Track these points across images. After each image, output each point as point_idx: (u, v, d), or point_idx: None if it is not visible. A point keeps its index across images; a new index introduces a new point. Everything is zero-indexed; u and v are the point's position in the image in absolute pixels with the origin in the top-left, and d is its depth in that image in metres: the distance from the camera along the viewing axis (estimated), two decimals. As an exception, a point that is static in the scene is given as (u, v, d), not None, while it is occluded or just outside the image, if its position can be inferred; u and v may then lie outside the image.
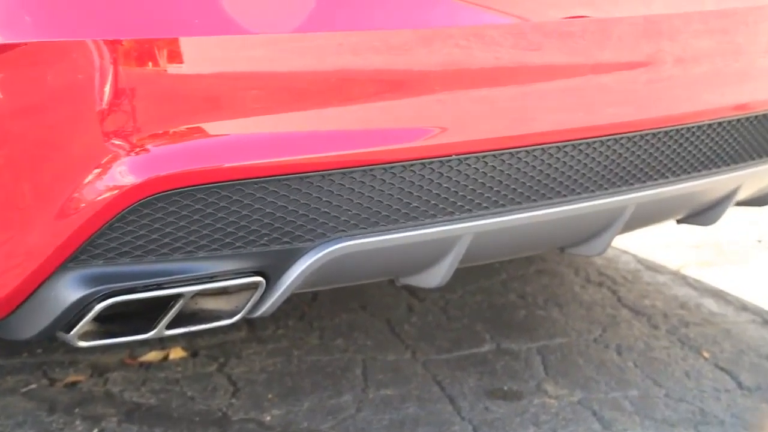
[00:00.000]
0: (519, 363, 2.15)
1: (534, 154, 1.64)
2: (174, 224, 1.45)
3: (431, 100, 1.55)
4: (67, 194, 1.40)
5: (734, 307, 2.48)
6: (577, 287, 2.56)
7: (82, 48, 1.37)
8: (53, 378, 2.03)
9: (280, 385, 2.03)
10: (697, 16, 1.81)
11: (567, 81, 1.67)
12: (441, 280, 1.69)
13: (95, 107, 1.38)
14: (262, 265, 1.53)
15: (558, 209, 1.69)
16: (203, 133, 1.43)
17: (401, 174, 1.55)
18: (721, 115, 1.85)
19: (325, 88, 1.50)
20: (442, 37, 1.56)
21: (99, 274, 1.45)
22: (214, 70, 1.44)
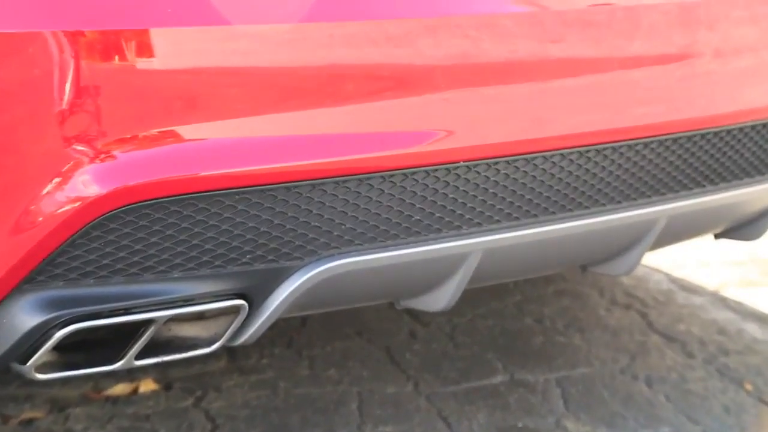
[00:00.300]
0: (536, 396, 2.14)
1: (552, 160, 1.63)
2: (144, 240, 1.44)
3: (436, 99, 1.55)
4: (22, 206, 1.40)
5: (780, 333, 2.48)
6: (602, 310, 2.56)
7: (38, 40, 1.37)
8: (7, 415, 2.02)
9: (265, 421, 2.03)
10: (738, 1, 1.81)
11: (590, 77, 1.67)
12: (447, 303, 1.68)
13: (54, 108, 1.38)
14: (245, 287, 1.52)
15: (579, 223, 1.69)
16: (177, 137, 1.43)
17: (402, 183, 1.54)
18: (766, 116, 1.85)
19: (316, 85, 1.50)
20: (448, 27, 1.56)
21: (59, 298, 1.44)
22: (190, 65, 1.44)
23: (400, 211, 1.56)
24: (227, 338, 1.55)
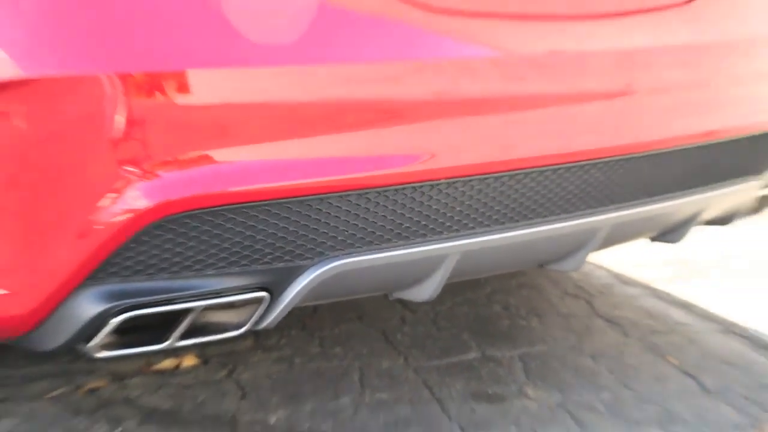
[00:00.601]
0: (502, 369, 2.11)
1: (516, 178, 1.61)
2: (184, 244, 1.41)
3: (421, 127, 1.52)
4: (85, 217, 1.37)
5: (698, 317, 2.45)
6: (556, 299, 2.53)
7: (96, 81, 1.34)
8: (76, 384, 2.00)
9: (284, 389, 2.00)
10: (668, 49, 1.79)
11: (547, 110, 1.64)
12: (431, 294, 1.65)
13: (109, 136, 1.35)
14: (266, 282, 1.49)
15: (538, 229, 1.66)
16: (210, 159, 1.40)
17: (393, 197, 1.51)
18: (688, 141, 1.82)
19: (322, 116, 1.47)
20: (431, 68, 1.53)
21: (115, 291, 1.41)
22: (219, 100, 1.41)
23: (393, 219, 1.53)
24: (252, 323, 1.52)
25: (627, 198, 1.78)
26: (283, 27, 1.45)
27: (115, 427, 1.83)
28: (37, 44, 1.34)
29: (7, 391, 1.95)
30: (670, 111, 1.78)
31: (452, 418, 1.90)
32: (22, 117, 1.35)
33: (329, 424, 1.87)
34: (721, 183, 1.94)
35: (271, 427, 1.85)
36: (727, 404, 2.00)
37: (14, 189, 1.38)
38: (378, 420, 1.89)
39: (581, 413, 1.94)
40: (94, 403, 1.92)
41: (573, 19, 1.69)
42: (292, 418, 1.88)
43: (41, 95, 1.34)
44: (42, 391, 1.96)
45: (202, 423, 1.86)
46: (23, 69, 1.33)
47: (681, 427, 1.90)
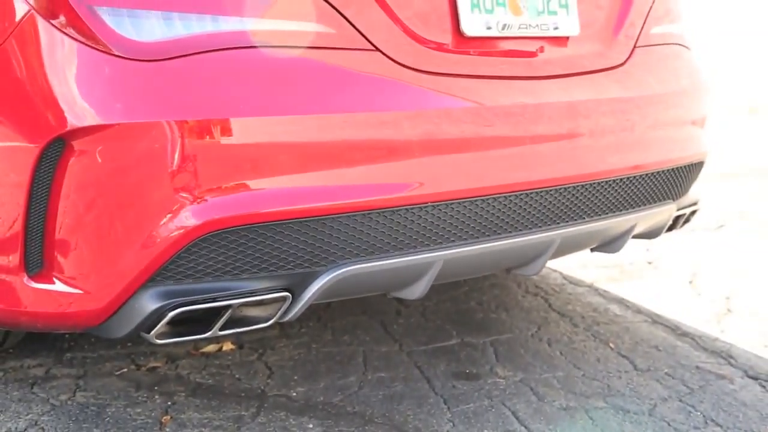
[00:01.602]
0: (477, 352, 2.12)
1: (487, 201, 1.62)
2: (224, 254, 1.42)
3: (412, 162, 1.54)
4: (147, 233, 1.39)
5: (632, 311, 2.45)
6: (519, 296, 2.53)
7: (158, 126, 1.36)
8: (138, 364, 1.99)
9: (303, 369, 2.00)
10: (602, 101, 1.81)
11: (511, 149, 1.66)
12: (421, 293, 1.66)
13: (168, 169, 1.37)
14: (289, 284, 1.50)
15: (505, 242, 1.67)
16: (246, 187, 1.42)
17: (391, 216, 1.53)
18: (622, 173, 1.84)
19: (335, 154, 1.49)
20: (420, 116, 1.55)
21: (170, 291, 1.42)
22: (253, 141, 1.43)
23: (390, 234, 1.54)
24: (278, 317, 1.53)
25: (574, 217, 1.79)
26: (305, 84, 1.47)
27: (168, 400, 1.83)
28: (111, 98, 1.36)
29: (84, 368, 1.95)
30: (605, 149, 1.80)
31: (437, 393, 1.91)
32: (100, 154, 1.37)
33: (339, 397, 1.87)
34: (648, 205, 1.95)
35: (293, 400, 1.85)
36: (655, 380, 2.00)
37: (92, 210, 1.40)
38: (378, 394, 1.89)
39: (540, 388, 1.94)
40: (152, 380, 1.92)
41: (531, 79, 1.71)
42: (309, 393, 1.88)
43: (115, 138, 1.36)
44: (111, 370, 1.96)
45: (237, 396, 1.86)
46: (101, 117, 1.35)
47: (618, 399, 1.90)
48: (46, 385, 1.87)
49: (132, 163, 1.38)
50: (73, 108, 1.35)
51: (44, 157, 1.37)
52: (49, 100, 1.37)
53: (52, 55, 1.37)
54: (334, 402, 1.85)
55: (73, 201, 1.39)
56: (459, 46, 1.64)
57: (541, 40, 1.75)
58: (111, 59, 1.36)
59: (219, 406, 1.81)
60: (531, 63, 1.73)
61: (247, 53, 1.42)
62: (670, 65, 1.98)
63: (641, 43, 1.92)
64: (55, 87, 1.37)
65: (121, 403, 1.81)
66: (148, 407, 1.80)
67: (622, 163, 1.83)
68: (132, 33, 1.37)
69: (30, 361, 1.98)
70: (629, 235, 1.97)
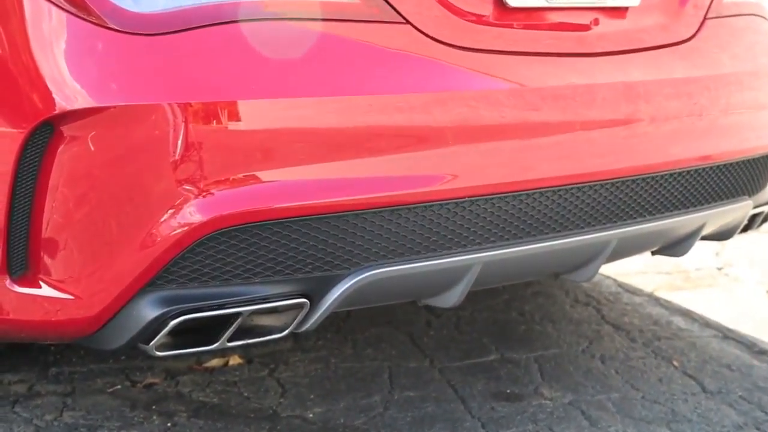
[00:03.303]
0: (519, 370, 2.11)
1: (533, 196, 1.62)
2: (234, 255, 1.43)
3: (447, 151, 1.54)
4: (146, 230, 1.40)
5: (699, 324, 2.43)
6: (567, 306, 2.52)
7: (158, 110, 1.37)
8: (134, 380, 2.01)
9: (321, 387, 2.01)
10: (666, 82, 1.79)
11: (559, 136, 1.66)
12: (456, 301, 1.66)
13: (169, 158, 1.38)
14: (307, 289, 1.51)
15: (553, 243, 1.67)
16: (257, 179, 1.43)
17: (422, 213, 1.53)
18: (689, 164, 1.82)
19: (358, 141, 1.49)
20: (457, 99, 1.55)
21: (173, 296, 1.44)
22: (265, 126, 1.43)
23: (421, 233, 1.54)
24: (294, 326, 1.54)
25: (633, 215, 1.78)
26: (324, 62, 1.47)
27: (167, 421, 1.84)
28: (106, 77, 1.37)
29: (72, 385, 1.98)
30: (669, 137, 1.78)
31: (474, 415, 1.91)
32: (92, 141, 1.38)
33: (361, 419, 1.88)
34: (718, 202, 1.93)
35: (309, 422, 1.86)
36: (727, 405, 1.99)
37: (83, 205, 1.41)
38: (406, 416, 1.89)
39: (593, 412, 1.94)
40: (149, 398, 1.94)
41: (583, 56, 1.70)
42: (328, 414, 1.89)
43: (110, 122, 1.37)
44: (103, 386, 1.98)
45: (246, 417, 1.87)
46: (94, 99, 1.37)
47: (684, 426, 1.89)
48: (29, 404, 1.89)
49: (129, 151, 1.39)
50: (62, 89, 1.37)
51: (29, 144, 1.39)
52: (35, 79, 1.39)
53: (37, 27, 1.39)
54: (355, 425, 1.86)
55: (63, 194, 1.40)
56: (501, 19, 1.63)
57: (594, 11, 1.74)
58: (105, 33, 1.37)
59: (225, 428, 1.83)
60: (583, 38, 1.72)
61: (259, 27, 1.43)
62: (746, 40, 1.96)
63: (712, 14, 1.90)
64: (42, 64, 1.38)
65: (114, 424, 1.83)
66: (145, 429, 1.81)
67: (689, 153, 1.82)
68: (129, 3, 1.38)
69: (10, 376, 2.01)
70: (697, 236, 1.95)
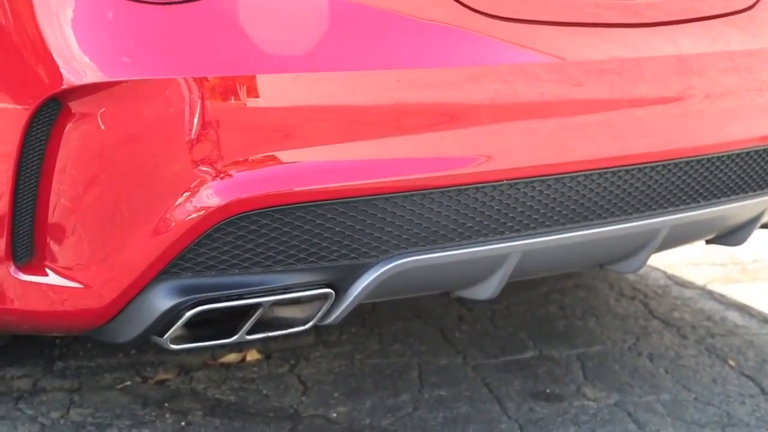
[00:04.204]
0: (560, 368, 2.11)
1: (577, 179, 1.61)
2: (254, 241, 1.44)
3: (484, 130, 1.54)
4: (160, 215, 1.41)
5: (757, 320, 2.42)
6: (612, 300, 2.52)
7: (173, 85, 1.38)
8: (145, 376, 2.04)
9: (345, 385, 2.02)
10: (723, 55, 1.77)
11: (606, 114, 1.65)
12: (492, 293, 1.66)
13: (185, 137, 1.39)
14: (332, 278, 1.52)
15: (599, 230, 1.66)
16: (279, 160, 1.43)
17: (457, 197, 1.53)
18: (748, 145, 1.81)
19: (387, 119, 1.49)
20: (493, 73, 1.54)
21: (188, 285, 1.45)
22: (287, 103, 1.44)
23: (456, 219, 1.54)
24: (318, 319, 1.55)
25: (686, 200, 1.77)
26: (351, 33, 1.47)
27: (181, 419, 1.86)
28: (117, 49, 1.38)
29: (79, 380, 2.00)
30: (725, 116, 1.77)
31: (511, 416, 1.91)
32: (102, 119, 1.39)
33: (389, 420, 1.89)
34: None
35: (333, 422, 1.87)
36: (786, 407, 1.98)
37: (93, 187, 1.43)
38: (437, 416, 1.90)
39: (640, 414, 1.93)
40: (161, 395, 1.96)
41: (630, 26, 1.69)
42: (353, 414, 1.90)
43: (121, 98, 1.38)
44: (112, 382, 2.00)
45: (265, 416, 1.89)
46: (105, 73, 1.37)
47: (742, 430, 1.88)
48: (33, 400, 1.92)
49: (141, 129, 1.40)
50: (69, 62, 1.38)
51: (35, 122, 1.40)
52: (41, 51, 1.40)
53: (43, -5, 1.40)
54: (382, 425, 1.87)
55: (71, 176, 1.42)
56: (542, -15, 1.62)
57: (645, -23, 1.73)
58: (116, 1, 1.38)
59: (243, 428, 1.84)
60: (630, 7, 1.71)
61: (281, -5, 1.43)
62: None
63: (774, -20, 1.88)
64: (48, 36, 1.39)
65: (124, 422, 1.85)
66: (158, 428, 1.83)
67: (747, 133, 1.80)
68: (142, -31, 1.38)
69: (14, 370, 2.03)
70: (756, 224, 1.94)
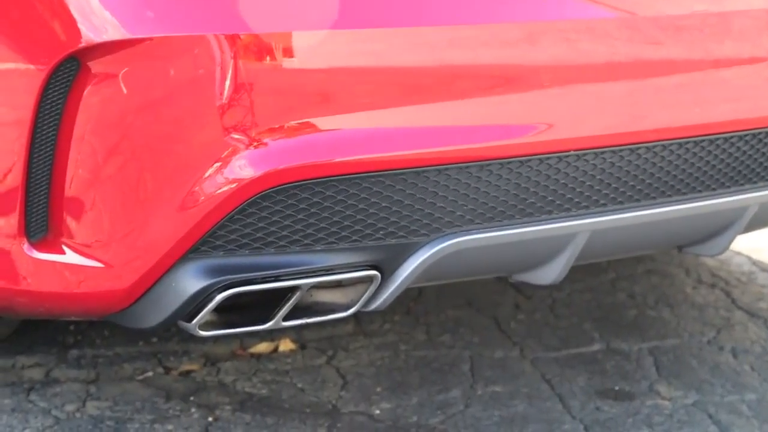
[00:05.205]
0: (630, 363, 2.11)
1: (654, 150, 1.61)
2: (292, 217, 1.46)
3: (549, 94, 1.54)
4: (188, 187, 1.43)
5: None
6: (689, 288, 2.50)
7: (203, 43, 1.39)
8: (168, 366, 2.06)
9: (389, 379, 2.03)
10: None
11: (687, 76, 1.64)
12: (556, 278, 1.67)
13: (215, 102, 1.41)
14: (378, 259, 1.53)
15: (678, 207, 1.66)
16: (319, 127, 1.45)
17: (518, 169, 1.53)
18: None
19: (440, 82, 1.50)
20: (559, 30, 1.54)
21: (220, 265, 1.47)
22: (329, 64, 1.45)
23: (516, 194, 1.55)
24: (362, 304, 1.56)
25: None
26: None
27: (208, 414, 1.89)
28: (142, 3, 1.40)
29: (96, 371, 2.03)
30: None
31: (575, 416, 1.91)
32: (125, 81, 1.41)
33: (438, 418, 1.90)
34: None
35: (376, 420, 1.89)
36: None
37: (114, 157, 1.45)
38: (492, 415, 1.91)
39: (723, 415, 1.92)
40: (186, 388, 1.98)
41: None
42: (398, 411, 1.92)
43: (145, 58, 1.40)
44: (132, 373, 2.03)
45: (301, 413, 1.91)
46: (128, 30, 1.39)
47: (837, 434, 1.87)
48: (46, 392, 1.96)
49: (167, 93, 1.42)
50: (89, 17, 1.40)
51: (51, 84, 1.43)
52: (57, 5, 1.42)
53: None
54: (431, 424, 1.88)
55: (90, 144, 1.44)
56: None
57: None
58: (140, -50, 1.39)
59: (276, 425, 1.87)
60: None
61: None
62: None
63: None
64: (64, -12, 1.42)
65: (146, 417, 1.88)
66: (182, 424, 1.86)
67: None
68: None
69: (24, 359, 2.07)
70: None
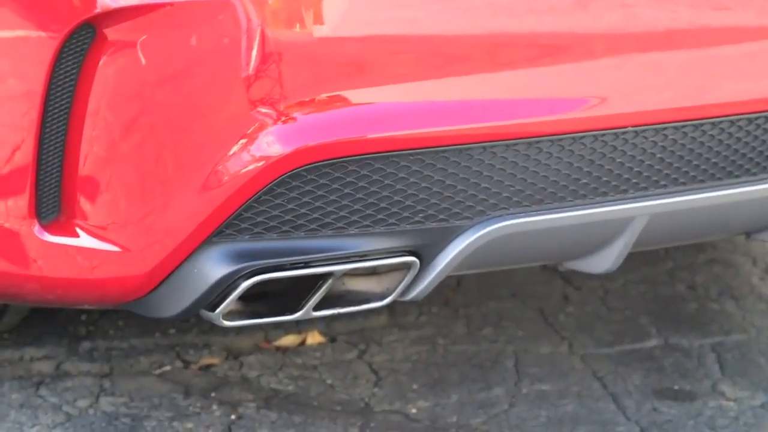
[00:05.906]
0: (690, 361, 2.10)
1: (721, 126, 1.60)
2: (324, 198, 1.46)
3: (604, 65, 1.53)
4: (211, 166, 1.44)
5: None
6: (756, 279, 2.48)
7: (228, 7, 1.40)
8: (187, 360, 2.07)
9: (426, 375, 2.04)
10: None
11: (758, 44, 1.63)
12: (611, 265, 1.66)
13: (241, 73, 1.41)
14: (416, 244, 1.53)
15: (747, 189, 1.65)
16: (353, 101, 1.45)
17: (570, 147, 1.53)
18: None
19: (485, 51, 1.49)
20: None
21: (245, 250, 1.47)
22: (365, 32, 1.45)
23: (568, 174, 1.55)
24: (398, 293, 1.57)
25: None
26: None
27: (230, 412, 1.90)
28: (163, -35, 1.41)
29: (110, 364, 2.05)
30: None
31: (630, 417, 1.91)
32: (143, 50, 1.42)
33: (480, 418, 1.90)
34: None
35: (412, 419, 1.90)
36: None
37: (132, 133, 1.46)
38: (539, 415, 1.91)
39: (792, 418, 1.92)
40: (207, 383, 2.00)
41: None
42: (436, 410, 1.92)
43: (165, 24, 1.41)
44: (149, 367, 2.05)
45: (331, 411, 1.92)
46: (147, -7, 1.40)
47: None
48: (57, 386, 1.98)
49: (189, 63, 1.43)
50: (105, -21, 1.41)
51: (64, 53, 1.44)
52: (70, -33, 1.43)
53: None
54: (472, 424, 1.88)
55: (105, 119, 1.45)
56: None
57: None
58: None
59: (304, 423, 1.88)
60: None
61: None
62: None
63: None
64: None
65: (164, 414, 1.89)
66: (203, 421, 1.88)
67: None
68: None
69: (33, 351, 2.09)
70: None
